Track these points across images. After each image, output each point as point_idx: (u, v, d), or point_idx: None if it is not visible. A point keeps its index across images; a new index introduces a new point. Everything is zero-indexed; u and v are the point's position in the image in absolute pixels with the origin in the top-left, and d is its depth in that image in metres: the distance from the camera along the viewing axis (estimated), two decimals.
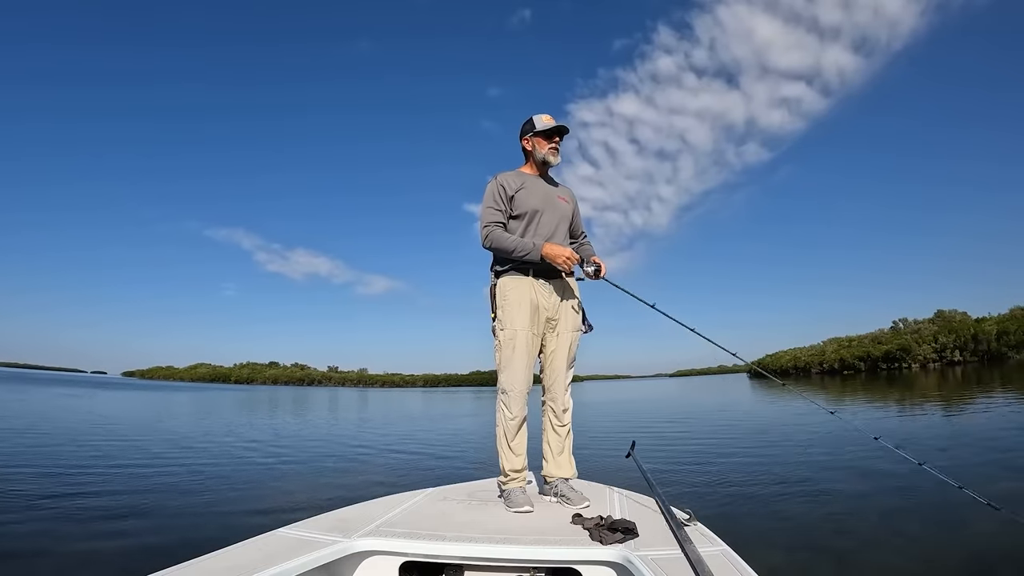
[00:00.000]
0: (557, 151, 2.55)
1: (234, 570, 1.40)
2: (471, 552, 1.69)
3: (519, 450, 2.39)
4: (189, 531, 3.95)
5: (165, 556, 1.69)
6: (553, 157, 2.55)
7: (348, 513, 2.04)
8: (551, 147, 2.54)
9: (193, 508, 4.67)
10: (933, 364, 79.28)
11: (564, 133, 2.57)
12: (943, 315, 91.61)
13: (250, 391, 65.34)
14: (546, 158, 2.54)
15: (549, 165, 2.58)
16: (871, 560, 3.23)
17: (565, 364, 2.50)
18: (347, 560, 1.69)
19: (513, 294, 2.41)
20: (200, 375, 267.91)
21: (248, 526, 3.67)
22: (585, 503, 2.21)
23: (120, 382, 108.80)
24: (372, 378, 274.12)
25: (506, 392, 2.38)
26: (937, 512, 4.16)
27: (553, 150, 2.54)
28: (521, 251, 2.37)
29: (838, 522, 4.02)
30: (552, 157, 2.54)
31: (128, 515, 4.36)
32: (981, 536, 3.57)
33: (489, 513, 2.12)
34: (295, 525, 1.84)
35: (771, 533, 3.80)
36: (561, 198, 2.59)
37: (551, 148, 2.54)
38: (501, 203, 2.47)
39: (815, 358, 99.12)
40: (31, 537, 3.72)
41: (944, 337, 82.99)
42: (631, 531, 1.73)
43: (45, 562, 3.28)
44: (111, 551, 3.48)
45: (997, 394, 16.56)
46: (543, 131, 2.52)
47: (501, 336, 2.41)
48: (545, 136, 2.53)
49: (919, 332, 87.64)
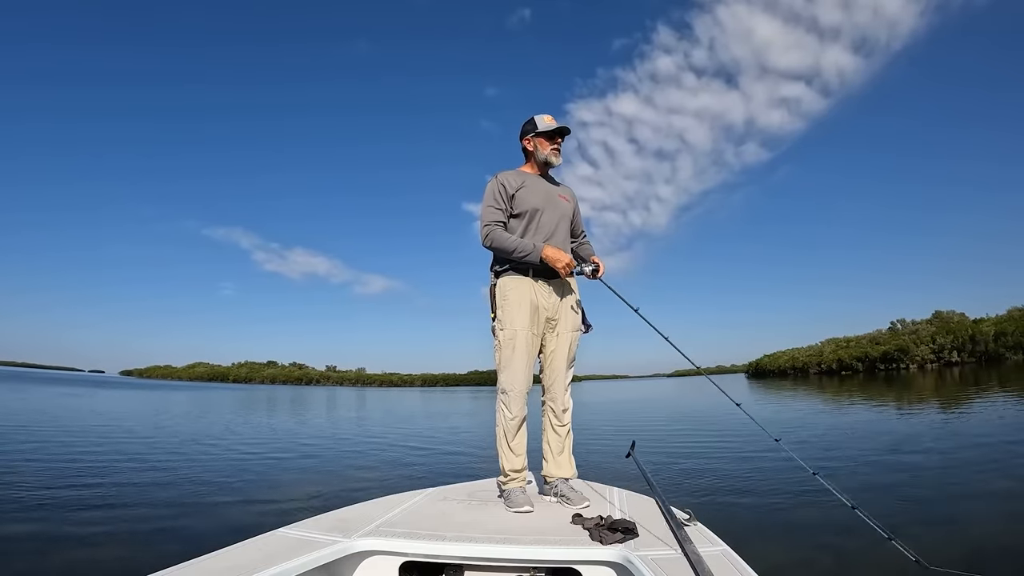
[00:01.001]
0: (559, 152, 2.57)
1: (234, 570, 1.40)
2: (471, 552, 1.69)
3: (519, 450, 2.39)
4: (189, 531, 3.94)
5: (165, 556, 1.69)
6: (555, 158, 2.56)
7: (348, 513, 2.04)
8: (553, 148, 2.56)
9: (193, 508, 4.66)
10: (931, 365, 79.43)
11: (566, 134, 2.59)
12: (941, 316, 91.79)
13: (248, 390, 65.22)
14: (548, 159, 2.56)
15: (551, 166, 2.59)
16: (872, 560, 3.24)
17: (565, 364, 2.50)
18: (347, 560, 1.69)
19: (513, 294, 2.41)
20: (198, 374, 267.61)
21: (248, 526, 3.67)
22: (585, 503, 2.21)
23: (118, 381, 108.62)
24: (370, 378, 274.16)
25: (506, 392, 2.38)
26: (938, 508, 4.17)
27: (555, 151, 2.56)
28: (521, 252, 2.37)
29: (838, 521, 4.02)
30: (554, 158, 2.56)
31: (128, 515, 4.35)
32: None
33: (489, 513, 2.12)
34: (295, 525, 1.83)
35: (771, 533, 3.81)
36: (562, 197, 2.60)
37: (553, 149, 2.56)
38: (502, 202, 2.47)
39: (813, 358, 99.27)
40: (31, 537, 3.71)
41: (942, 338, 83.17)
42: (631, 531, 1.73)
43: (44, 562, 3.27)
44: (111, 551, 3.48)
45: (995, 393, 16.59)
46: (545, 132, 2.53)
47: (501, 336, 2.41)
48: (547, 137, 2.55)
49: (917, 333, 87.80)
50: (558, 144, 2.56)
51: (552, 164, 2.58)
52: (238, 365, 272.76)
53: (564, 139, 2.59)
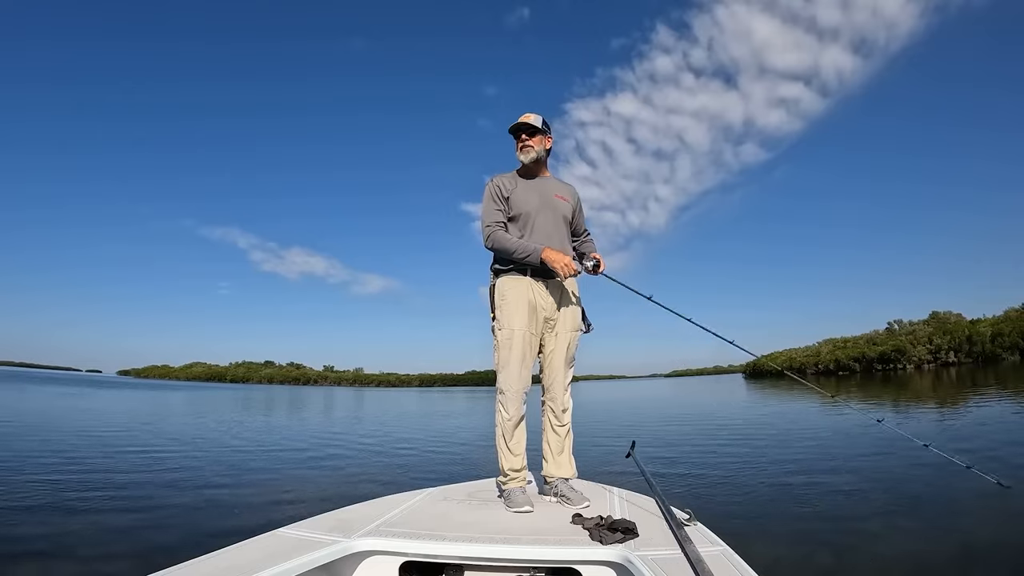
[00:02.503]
0: (526, 149, 2.53)
1: (234, 570, 1.40)
2: (471, 552, 1.69)
3: (518, 450, 2.39)
4: (189, 531, 3.93)
5: (165, 556, 1.69)
6: (522, 155, 2.54)
7: (348, 513, 2.04)
8: (519, 145, 2.55)
9: (193, 508, 4.66)
10: (928, 365, 79.59)
11: (520, 131, 2.54)
12: (938, 316, 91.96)
13: (246, 390, 65.09)
14: (518, 158, 2.56)
15: (524, 164, 2.56)
16: (871, 559, 3.24)
17: (564, 364, 2.50)
18: (347, 560, 1.68)
19: (511, 294, 2.41)
20: (196, 374, 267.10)
21: (248, 526, 3.67)
22: (585, 503, 2.21)
23: (116, 381, 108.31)
24: (368, 378, 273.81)
25: (504, 392, 2.38)
26: (936, 507, 4.18)
27: (521, 148, 2.54)
28: (522, 254, 2.37)
29: (838, 521, 4.03)
30: (522, 156, 2.55)
31: (127, 515, 4.34)
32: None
33: (489, 513, 2.12)
34: (295, 525, 1.83)
35: (771, 533, 3.81)
36: (559, 196, 2.56)
37: (520, 147, 2.54)
38: (500, 203, 2.47)
39: (810, 359, 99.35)
40: (31, 537, 3.70)
41: (939, 339, 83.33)
42: (631, 531, 1.73)
43: (44, 562, 3.26)
44: (110, 551, 3.47)
45: (990, 392, 16.64)
46: (511, 132, 2.56)
47: (499, 336, 2.41)
48: (514, 136, 2.56)
49: (914, 333, 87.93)
50: (523, 141, 2.53)
51: (522, 162, 2.56)
52: (235, 365, 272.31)
53: (530, 135, 2.53)
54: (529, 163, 2.54)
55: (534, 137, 2.53)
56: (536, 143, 2.53)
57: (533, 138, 2.53)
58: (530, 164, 2.54)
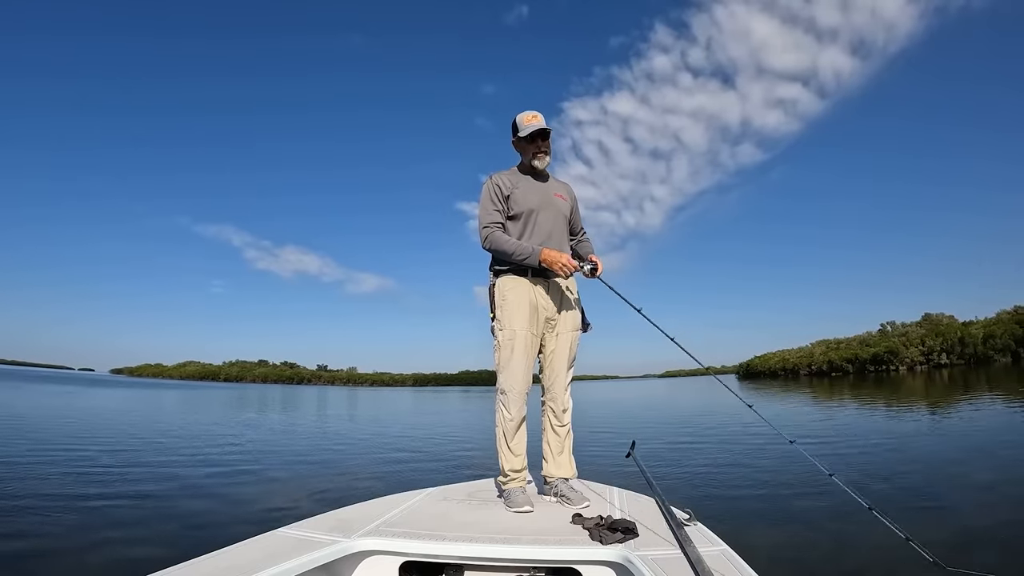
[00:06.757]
0: (543, 155, 2.45)
1: (234, 570, 1.39)
2: (471, 552, 1.69)
3: (518, 450, 2.39)
4: (189, 531, 3.91)
5: (165, 556, 1.68)
6: (539, 162, 2.47)
7: (348, 513, 2.03)
8: (535, 151, 2.44)
9: (193, 508, 4.63)
10: (920, 367, 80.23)
11: (547, 136, 2.44)
12: (930, 318, 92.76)
13: (240, 389, 64.86)
14: (531, 163, 2.48)
15: (537, 170, 2.52)
16: (872, 559, 3.26)
17: (565, 364, 2.49)
18: (347, 560, 1.68)
19: (512, 294, 2.40)
20: (189, 373, 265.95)
21: (248, 526, 3.64)
22: (585, 503, 2.21)
23: (109, 379, 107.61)
24: (361, 377, 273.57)
25: (505, 392, 2.37)
26: (936, 506, 4.21)
27: (538, 155, 2.45)
28: (520, 255, 2.35)
29: (839, 520, 4.05)
30: (538, 162, 2.47)
31: (127, 515, 4.32)
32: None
33: (489, 513, 2.12)
34: (295, 525, 1.82)
35: (771, 533, 3.82)
36: (558, 195, 2.55)
37: (536, 153, 2.45)
38: (498, 203, 2.44)
39: (803, 360, 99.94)
40: (30, 537, 3.67)
41: (931, 340, 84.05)
42: (631, 531, 1.73)
43: (43, 562, 3.24)
44: (110, 551, 3.45)
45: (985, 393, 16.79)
46: (525, 136, 2.42)
47: (500, 336, 2.40)
48: (528, 140, 2.43)
49: (907, 335, 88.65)
50: (539, 146, 2.44)
51: (537, 169, 2.51)
52: (229, 364, 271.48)
53: (548, 139, 2.45)
54: (543, 168, 2.50)
55: (547, 141, 2.48)
56: (549, 148, 2.50)
57: (547, 142, 2.48)
58: (542, 168, 2.50)
